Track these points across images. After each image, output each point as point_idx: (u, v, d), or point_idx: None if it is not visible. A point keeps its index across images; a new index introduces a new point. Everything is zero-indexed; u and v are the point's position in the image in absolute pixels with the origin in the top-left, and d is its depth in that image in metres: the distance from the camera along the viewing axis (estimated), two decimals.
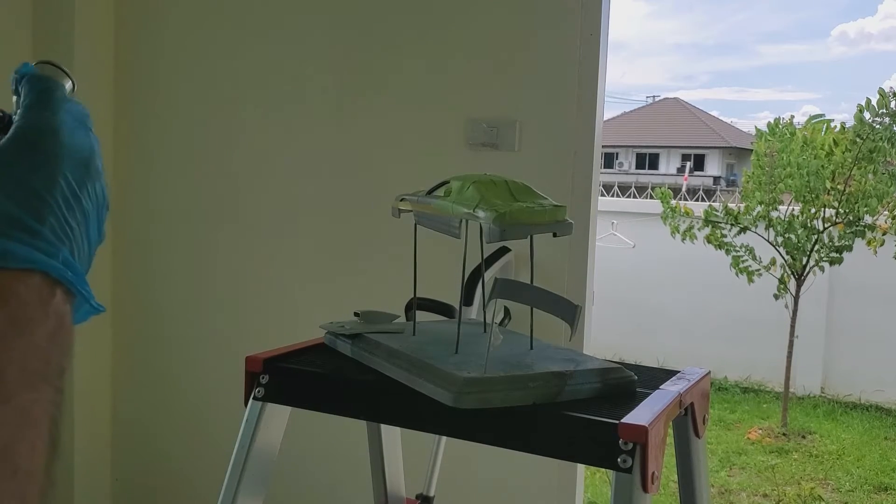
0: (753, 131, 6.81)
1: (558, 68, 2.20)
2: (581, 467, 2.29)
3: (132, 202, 2.78)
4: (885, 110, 5.16)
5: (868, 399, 6.09)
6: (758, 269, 5.41)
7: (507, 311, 1.96)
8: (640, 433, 0.86)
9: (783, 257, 5.39)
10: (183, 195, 2.74)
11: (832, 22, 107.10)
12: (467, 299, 1.66)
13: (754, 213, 5.45)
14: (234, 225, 2.66)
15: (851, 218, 5.22)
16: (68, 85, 0.54)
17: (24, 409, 0.41)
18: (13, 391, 0.40)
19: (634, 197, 9.47)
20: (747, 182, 5.62)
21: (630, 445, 0.86)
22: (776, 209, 5.45)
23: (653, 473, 0.87)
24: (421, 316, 1.18)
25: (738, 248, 5.46)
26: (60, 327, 0.45)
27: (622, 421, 0.87)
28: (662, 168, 32.56)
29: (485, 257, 1.20)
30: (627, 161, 33.64)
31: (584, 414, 0.91)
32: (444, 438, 1.84)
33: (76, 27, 2.63)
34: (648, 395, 0.99)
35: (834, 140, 5.34)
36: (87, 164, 0.50)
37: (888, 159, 5.21)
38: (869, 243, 5.28)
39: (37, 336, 0.43)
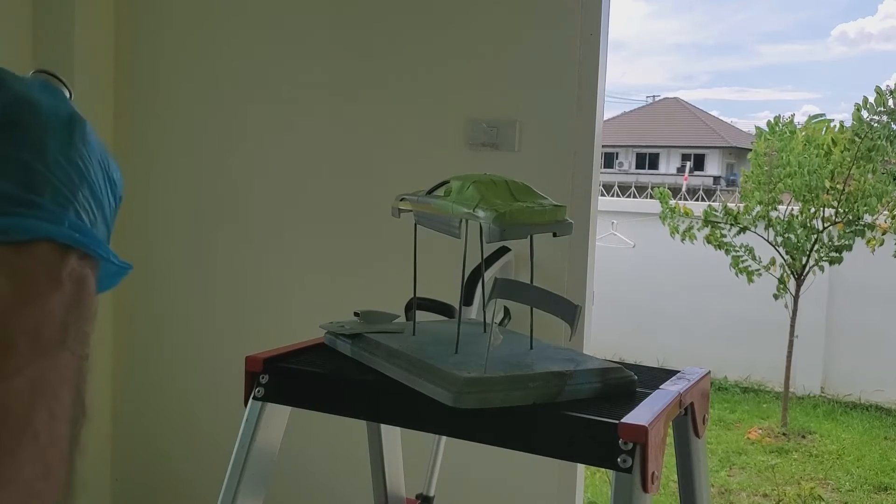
0: (753, 131, 6.81)
1: (558, 68, 2.20)
2: (581, 467, 2.29)
3: (132, 202, 2.76)
4: (882, 108, 5.16)
5: (868, 399, 6.09)
6: (757, 269, 5.41)
7: (507, 311, 1.96)
8: (640, 433, 0.86)
9: (783, 257, 5.39)
10: (183, 195, 2.74)
11: (832, 22, 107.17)
12: (467, 299, 1.66)
13: (754, 213, 5.45)
14: (234, 225, 2.66)
15: (851, 217, 5.22)
16: (65, 94, 0.54)
17: (39, 378, 0.41)
18: (25, 361, 0.40)
19: (634, 197, 9.47)
20: (746, 182, 5.62)
21: (630, 445, 0.86)
22: (776, 209, 5.45)
23: (653, 473, 0.87)
24: (421, 316, 1.18)
25: (737, 248, 5.46)
26: (79, 292, 0.44)
27: (622, 421, 0.87)
28: (662, 168, 32.56)
29: (485, 257, 1.20)
30: (627, 161, 33.64)
31: (584, 414, 0.91)
32: (444, 438, 1.84)
33: (76, 27, 2.63)
34: (648, 395, 0.99)
35: (833, 139, 5.34)
36: (69, 126, 0.48)
37: (887, 158, 5.21)
38: (868, 243, 5.28)
39: (50, 304, 0.42)
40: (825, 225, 5.29)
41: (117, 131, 2.77)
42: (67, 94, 0.53)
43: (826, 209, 5.31)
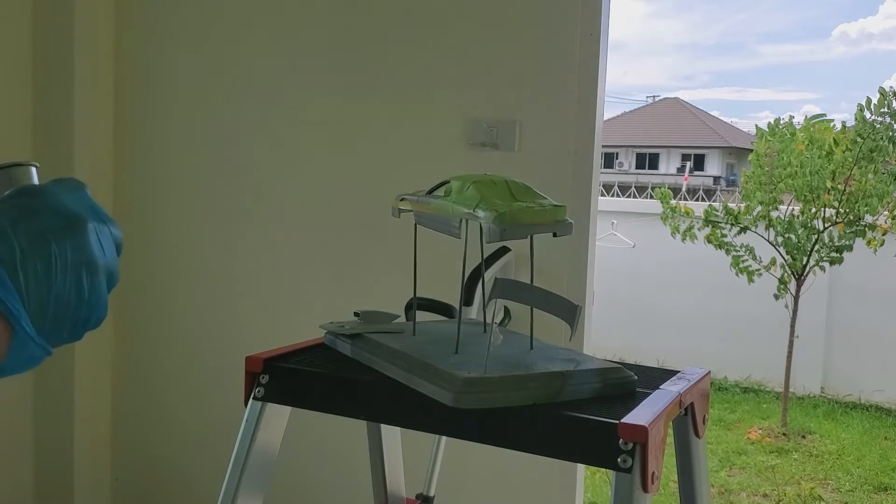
0: (753, 131, 6.81)
1: (558, 68, 2.20)
2: (581, 467, 2.29)
3: (132, 202, 2.78)
4: (885, 109, 5.15)
5: (868, 399, 6.09)
6: (758, 269, 5.41)
7: (507, 311, 1.96)
8: (640, 433, 0.86)
9: (783, 257, 5.39)
10: (183, 195, 2.74)
11: (833, 22, 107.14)
12: (467, 299, 1.66)
13: (754, 213, 5.45)
14: (234, 225, 2.66)
15: (852, 217, 5.21)
16: (33, 171, 0.57)
17: None
18: None
19: (634, 197, 9.46)
20: (747, 182, 5.62)
21: (630, 445, 0.86)
22: (776, 209, 5.44)
23: (653, 473, 0.86)
24: (421, 316, 1.18)
25: (738, 248, 5.46)
26: None
27: (622, 421, 0.87)
28: (662, 168, 32.55)
29: (485, 257, 1.20)
30: (627, 161, 33.63)
31: (584, 414, 0.91)
32: (444, 438, 1.84)
33: (76, 27, 2.63)
34: (648, 395, 0.99)
35: (834, 139, 5.34)
36: (70, 222, 0.52)
37: (888, 159, 5.21)
38: (869, 243, 5.28)
39: None
40: (826, 225, 5.29)
41: (117, 131, 2.78)
42: (34, 170, 0.57)
43: (827, 209, 5.31)
